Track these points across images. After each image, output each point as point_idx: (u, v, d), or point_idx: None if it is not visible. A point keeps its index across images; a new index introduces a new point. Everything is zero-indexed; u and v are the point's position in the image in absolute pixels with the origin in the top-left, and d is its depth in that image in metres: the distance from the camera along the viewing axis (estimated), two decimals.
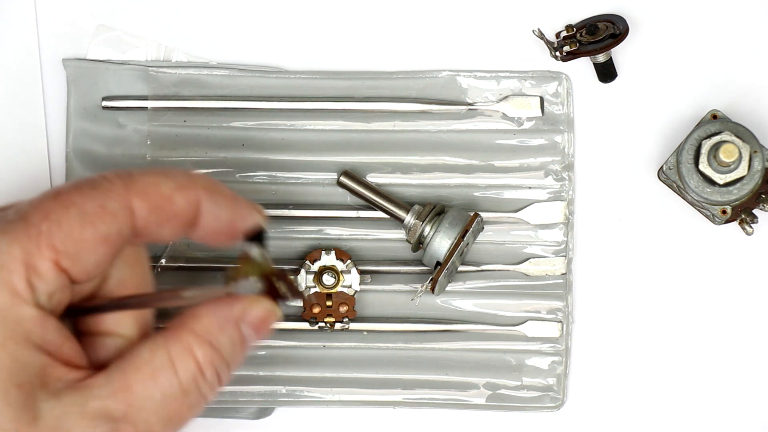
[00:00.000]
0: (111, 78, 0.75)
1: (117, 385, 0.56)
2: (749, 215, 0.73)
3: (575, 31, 0.74)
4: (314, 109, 0.75)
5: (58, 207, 0.56)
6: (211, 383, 0.58)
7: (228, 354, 0.58)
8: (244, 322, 0.58)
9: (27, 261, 0.55)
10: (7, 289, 0.54)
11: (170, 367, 0.57)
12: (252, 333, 0.59)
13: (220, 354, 0.58)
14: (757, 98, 0.75)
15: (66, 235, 0.55)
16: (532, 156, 0.75)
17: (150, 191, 0.57)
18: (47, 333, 0.55)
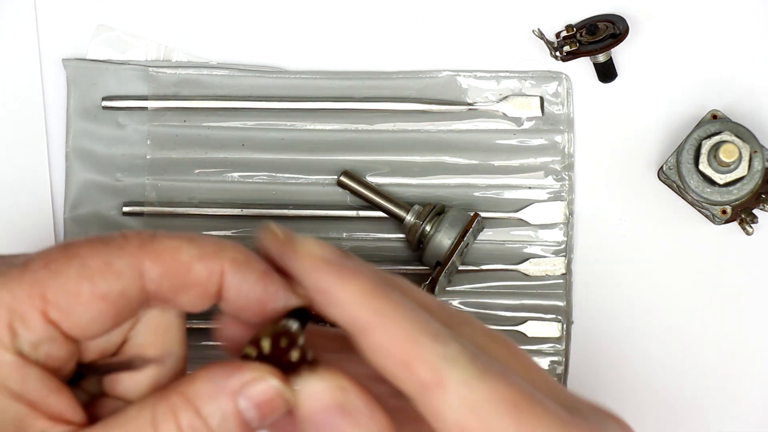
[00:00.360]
0: (111, 78, 0.75)
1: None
2: (749, 215, 0.73)
3: (575, 31, 0.74)
4: (314, 109, 0.75)
5: (61, 257, 0.52)
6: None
7: (216, 426, 0.51)
8: (243, 396, 0.51)
9: (13, 307, 0.51)
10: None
11: (150, 428, 0.51)
12: (254, 413, 0.51)
13: (206, 424, 0.51)
14: (757, 98, 0.75)
15: (60, 286, 0.51)
16: (532, 156, 0.75)
17: (166, 255, 0.52)
18: (27, 382, 0.51)
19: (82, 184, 0.74)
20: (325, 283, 0.49)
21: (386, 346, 0.48)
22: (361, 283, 0.49)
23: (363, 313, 0.48)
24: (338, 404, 0.49)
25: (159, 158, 0.75)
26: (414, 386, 0.49)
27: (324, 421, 0.50)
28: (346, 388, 0.49)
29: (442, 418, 0.49)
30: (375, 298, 0.49)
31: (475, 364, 0.49)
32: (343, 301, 0.49)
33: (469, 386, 0.48)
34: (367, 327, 0.48)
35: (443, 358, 0.48)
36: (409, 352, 0.48)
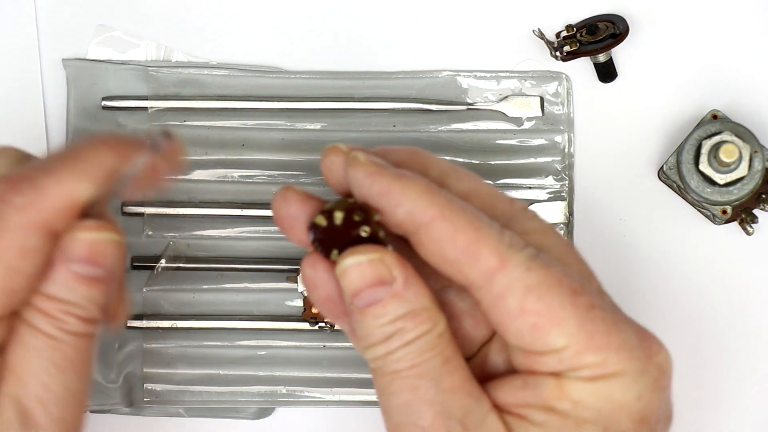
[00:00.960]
0: (111, 78, 0.75)
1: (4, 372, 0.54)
2: (749, 215, 0.73)
3: (575, 31, 0.74)
4: (314, 109, 0.75)
5: None
6: (74, 323, 0.53)
7: (71, 296, 0.53)
8: (71, 262, 0.53)
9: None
10: None
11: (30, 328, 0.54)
12: (89, 267, 0.54)
13: (59, 301, 0.53)
14: (757, 98, 0.75)
15: None
16: (532, 156, 0.75)
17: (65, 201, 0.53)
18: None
19: None
20: (387, 186, 0.52)
21: (451, 234, 0.51)
22: (419, 183, 0.52)
23: (426, 208, 0.51)
24: (379, 277, 0.52)
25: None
26: (478, 272, 0.51)
27: (365, 294, 0.52)
28: (388, 262, 0.52)
29: (503, 302, 0.51)
30: (435, 194, 0.52)
31: (534, 251, 0.52)
32: (407, 199, 0.52)
33: (531, 270, 0.51)
34: (432, 219, 0.51)
35: (506, 243, 0.51)
36: (473, 239, 0.51)
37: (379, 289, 0.52)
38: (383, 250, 0.52)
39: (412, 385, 0.52)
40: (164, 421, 0.75)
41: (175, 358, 0.74)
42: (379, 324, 0.52)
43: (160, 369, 0.74)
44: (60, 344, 0.54)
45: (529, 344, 0.52)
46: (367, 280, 0.52)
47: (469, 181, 0.55)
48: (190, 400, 0.74)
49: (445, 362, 0.52)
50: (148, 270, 0.74)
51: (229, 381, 0.74)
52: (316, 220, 0.52)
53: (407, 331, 0.52)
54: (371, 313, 0.52)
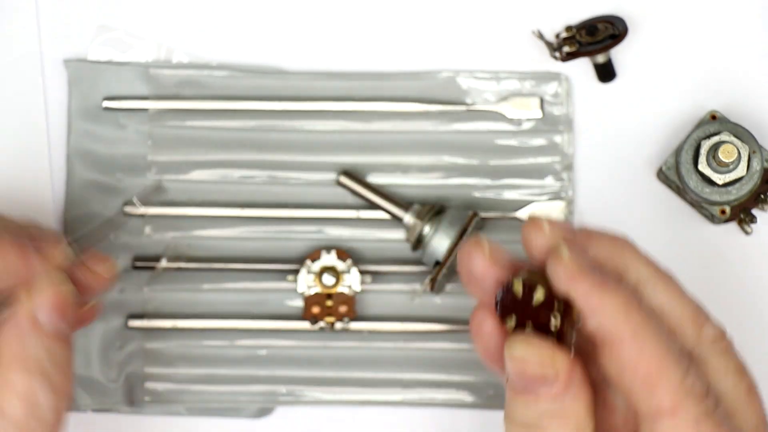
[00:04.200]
0: (112, 78, 0.75)
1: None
2: (748, 215, 0.73)
3: (575, 32, 0.74)
4: (314, 109, 0.75)
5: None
6: (50, 398, 0.56)
7: (47, 360, 0.56)
8: (40, 320, 0.57)
9: None
10: None
11: None
12: (59, 322, 0.57)
13: (38, 367, 0.56)
14: (756, 98, 0.75)
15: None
16: (532, 156, 0.75)
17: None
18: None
19: (83, 185, 0.74)
20: (585, 294, 0.51)
21: (635, 362, 0.50)
22: (619, 297, 0.51)
23: (619, 327, 0.50)
24: (542, 376, 0.51)
25: (160, 158, 0.75)
26: (648, 406, 0.50)
27: (523, 383, 0.51)
28: (558, 365, 0.51)
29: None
30: (633, 313, 0.51)
31: (711, 406, 0.50)
32: (602, 312, 0.51)
33: (699, 425, 0.50)
34: (621, 340, 0.50)
35: (686, 389, 0.50)
36: (656, 373, 0.50)
37: (539, 384, 0.51)
38: (558, 352, 0.51)
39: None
40: (165, 420, 0.75)
41: (175, 358, 0.75)
42: (526, 413, 0.52)
43: (160, 368, 0.75)
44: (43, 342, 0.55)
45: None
46: (530, 374, 0.51)
47: (665, 295, 0.54)
48: (191, 399, 0.75)
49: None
50: (149, 270, 0.74)
51: (229, 380, 0.75)
52: (514, 286, 0.52)
53: (548, 430, 0.51)
54: (523, 400, 0.52)
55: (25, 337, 0.56)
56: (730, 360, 0.54)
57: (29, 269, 0.59)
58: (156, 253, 0.75)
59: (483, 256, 0.54)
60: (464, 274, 0.54)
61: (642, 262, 0.54)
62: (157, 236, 0.75)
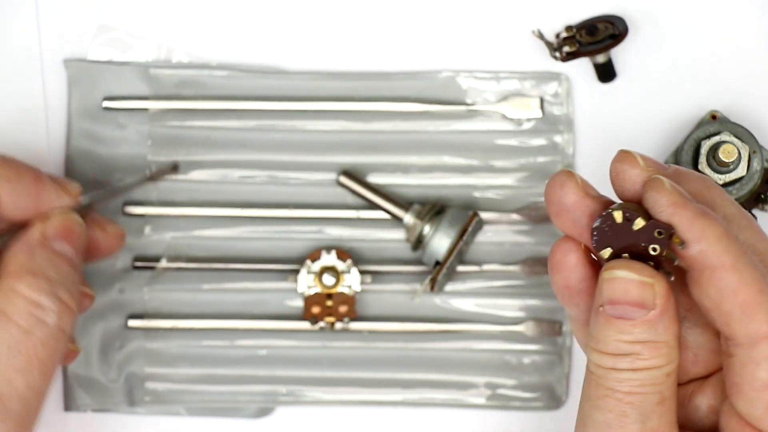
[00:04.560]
0: (112, 78, 0.75)
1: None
2: None
3: (575, 32, 0.74)
4: (314, 109, 0.75)
5: None
6: (55, 309, 0.57)
7: (54, 274, 0.58)
8: (50, 239, 0.59)
9: None
10: None
11: (2, 318, 0.56)
12: (66, 246, 0.59)
13: (45, 276, 0.57)
14: (756, 98, 0.75)
15: None
16: (532, 156, 0.75)
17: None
18: None
19: (82, 185, 0.74)
20: (688, 221, 0.51)
21: (736, 287, 0.51)
22: (720, 226, 0.51)
23: (722, 254, 0.51)
24: (642, 300, 0.51)
25: (160, 159, 0.75)
26: (746, 332, 0.51)
27: (621, 308, 0.51)
28: (657, 290, 0.51)
29: (755, 369, 0.51)
30: (733, 242, 0.51)
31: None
32: (705, 239, 0.51)
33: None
34: (723, 266, 0.51)
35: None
36: (755, 300, 0.50)
37: (636, 309, 0.51)
38: (659, 276, 0.51)
39: (622, 411, 0.52)
40: (165, 421, 0.75)
41: (176, 358, 0.75)
42: (620, 339, 0.52)
43: (161, 368, 0.75)
44: (32, 340, 0.56)
45: (756, 418, 0.51)
46: (630, 297, 0.51)
47: (751, 233, 0.54)
48: (191, 399, 0.75)
49: (660, 402, 0.52)
50: (149, 270, 0.74)
51: (229, 380, 0.75)
52: (614, 213, 0.52)
53: (641, 359, 0.51)
54: (617, 326, 0.52)
55: (34, 251, 0.58)
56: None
57: (44, 199, 0.61)
58: (156, 253, 0.75)
59: (576, 187, 0.54)
60: (554, 206, 0.54)
61: (729, 201, 0.54)
62: (157, 236, 0.75)
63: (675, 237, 0.51)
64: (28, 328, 0.56)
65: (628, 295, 0.51)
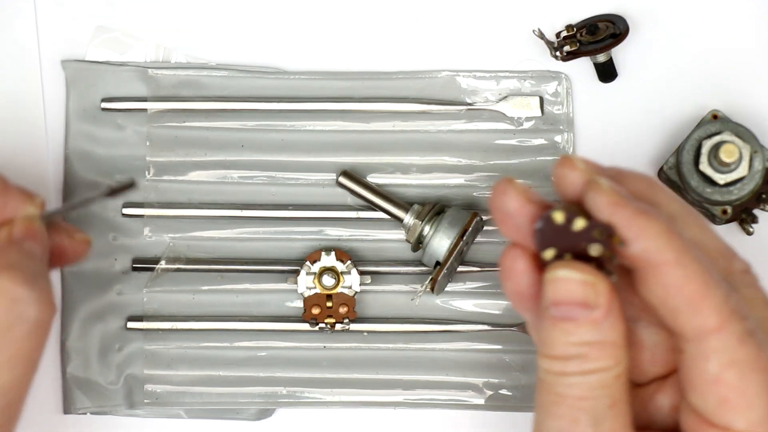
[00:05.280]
0: (110, 79, 0.75)
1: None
2: (750, 215, 0.73)
3: (575, 31, 0.74)
4: (314, 109, 0.75)
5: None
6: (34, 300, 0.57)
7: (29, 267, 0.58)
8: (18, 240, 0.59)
9: None
10: None
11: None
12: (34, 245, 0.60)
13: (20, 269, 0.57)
14: (757, 98, 0.75)
15: None
16: (532, 156, 0.75)
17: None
18: None
19: (81, 186, 0.74)
20: (628, 219, 0.51)
21: (681, 283, 0.51)
22: (661, 222, 0.51)
23: (664, 249, 0.51)
24: (584, 300, 0.51)
25: (158, 159, 0.75)
26: (694, 326, 0.51)
27: (564, 308, 0.51)
28: (600, 289, 0.51)
29: (704, 363, 0.51)
30: (674, 237, 0.51)
31: (752, 326, 0.51)
32: (646, 236, 0.51)
33: (743, 344, 0.50)
34: (666, 262, 0.51)
35: (730, 308, 0.51)
36: (700, 293, 0.50)
37: (580, 309, 0.51)
38: (600, 275, 0.51)
39: (573, 417, 0.51)
40: (164, 423, 0.75)
41: (175, 360, 0.74)
42: (565, 341, 0.51)
43: (160, 370, 0.74)
44: (14, 335, 0.56)
45: (709, 413, 0.51)
46: (573, 297, 0.51)
47: (696, 230, 0.54)
48: (191, 401, 0.74)
49: (612, 405, 0.51)
50: (148, 271, 0.74)
51: (229, 382, 0.74)
52: (554, 214, 0.52)
53: (589, 360, 0.51)
54: (563, 328, 0.51)
55: (4, 250, 0.59)
56: (759, 292, 0.54)
57: (10, 207, 0.61)
58: (155, 254, 0.74)
59: (516, 193, 0.53)
60: (497, 213, 0.54)
61: (672, 197, 0.55)
62: (156, 238, 0.75)
63: (615, 236, 0.51)
64: (8, 325, 0.56)
65: (571, 295, 0.51)
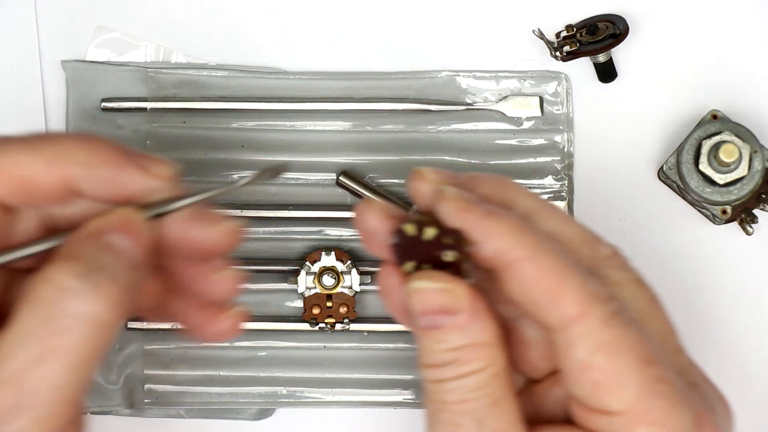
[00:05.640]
0: (110, 79, 0.75)
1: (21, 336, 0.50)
2: (749, 215, 0.73)
3: (575, 31, 0.74)
4: (314, 109, 0.75)
5: None
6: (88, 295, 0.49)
7: (95, 259, 0.50)
8: (102, 232, 0.51)
9: None
10: None
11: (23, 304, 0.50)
12: (121, 237, 0.51)
13: (81, 260, 0.50)
14: (757, 98, 0.75)
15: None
16: (532, 156, 0.75)
17: (10, 172, 0.53)
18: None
19: None
20: (476, 223, 0.51)
21: (536, 277, 0.51)
22: (509, 221, 0.52)
23: (515, 247, 0.51)
24: (443, 307, 0.52)
25: None
26: (556, 317, 0.51)
27: (428, 318, 0.52)
28: (458, 293, 0.52)
29: (573, 351, 0.51)
30: (525, 233, 0.51)
31: (616, 307, 0.51)
32: (495, 236, 0.51)
33: (608, 326, 0.51)
34: (519, 259, 0.51)
35: (589, 293, 0.51)
36: (558, 284, 0.51)
37: (443, 316, 0.52)
38: (456, 281, 0.52)
39: (455, 421, 0.52)
40: (165, 423, 0.75)
41: (175, 360, 0.74)
42: (437, 349, 0.52)
43: (160, 370, 0.74)
44: (51, 328, 0.50)
45: (586, 398, 0.51)
46: (432, 306, 0.52)
47: (556, 222, 0.54)
48: (191, 401, 0.74)
49: (493, 404, 0.52)
50: None
51: (229, 382, 0.74)
52: (405, 227, 0.52)
53: (462, 364, 0.52)
54: (432, 337, 0.52)
55: (80, 240, 0.52)
56: (628, 273, 0.55)
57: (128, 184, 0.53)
58: None
59: (375, 211, 0.54)
60: (361, 233, 0.55)
61: (526, 195, 0.55)
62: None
63: (464, 240, 0.52)
64: (47, 316, 0.50)
65: (431, 304, 0.52)
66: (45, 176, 0.53)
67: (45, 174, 0.53)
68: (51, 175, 0.53)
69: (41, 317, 0.50)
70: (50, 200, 0.54)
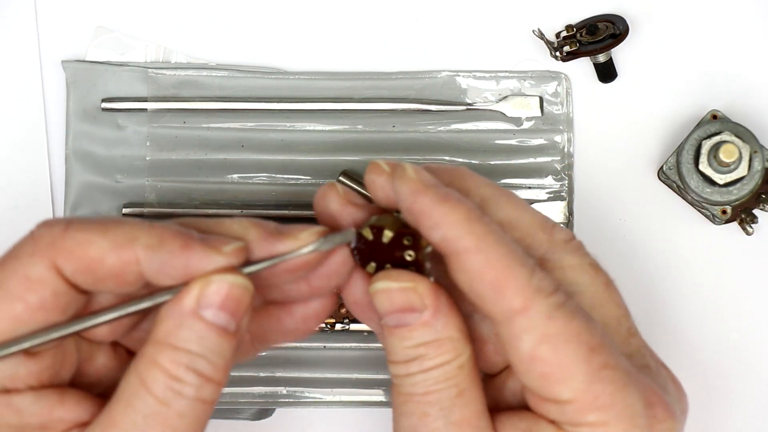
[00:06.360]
0: (110, 79, 0.75)
1: (103, 424, 0.53)
2: (749, 215, 0.73)
3: (575, 31, 0.74)
4: (313, 109, 0.75)
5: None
6: (194, 383, 0.52)
7: (197, 347, 0.52)
8: (204, 308, 0.52)
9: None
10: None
11: (142, 387, 0.52)
12: (222, 314, 0.52)
13: (186, 350, 0.52)
14: (757, 98, 0.75)
15: None
16: (532, 156, 0.75)
17: (77, 252, 0.53)
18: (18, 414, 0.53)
19: (82, 186, 0.74)
20: (428, 207, 0.52)
21: (481, 269, 0.52)
22: (462, 208, 0.52)
23: (463, 236, 0.52)
24: (408, 305, 0.53)
25: (159, 159, 0.75)
26: (500, 310, 0.52)
27: (393, 317, 0.53)
28: (421, 291, 0.53)
29: (518, 344, 0.52)
30: (475, 224, 0.52)
31: (561, 299, 0.52)
32: (445, 224, 0.52)
33: (551, 319, 0.51)
34: (466, 250, 0.52)
35: (533, 287, 0.52)
36: (502, 277, 0.51)
37: (409, 314, 0.53)
38: (418, 278, 0.53)
39: (422, 412, 0.53)
40: None
41: None
42: (403, 346, 0.53)
43: None
44: (170, 412, 0.52)
45: (536, 389, 0.52)
46: (396, 305, 0.53)
47: (511, 208, 0.55)
48: None
49: (459, 394, 0.53)
50: None
51: (229, 382, 0.74)
52: (363, 232, 0.53)
53: (428, 359, 0.53)
54: (398, 335, 0.53)
55: (183, 320, 0.52)
56: (584, 257, 0.55)
57: (193, 265, 0.53)
58: None
59: (338, 197, 0.55)
60: (320, 217, 0.56)
61: (483, 182, 0.55)
62: None
63: (422, 240, 0.53)
64: (164, 400, 0.52)
65: (395, 304, 0.53)
66: (111, 259, 0.53)
67: (112, 257, 0.53)
68: (117, 258, 0.53)
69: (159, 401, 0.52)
70: (116, 284, 0.54)
